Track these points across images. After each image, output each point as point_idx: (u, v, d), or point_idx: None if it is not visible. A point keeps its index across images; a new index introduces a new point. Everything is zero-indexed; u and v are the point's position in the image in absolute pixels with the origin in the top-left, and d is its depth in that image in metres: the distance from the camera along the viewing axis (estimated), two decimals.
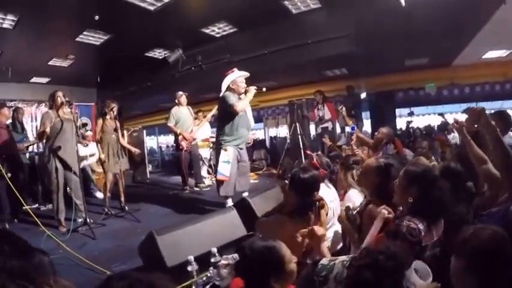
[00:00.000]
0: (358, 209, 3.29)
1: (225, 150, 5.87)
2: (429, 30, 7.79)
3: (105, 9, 7.22)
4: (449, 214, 2.72)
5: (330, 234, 3.55)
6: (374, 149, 6.02)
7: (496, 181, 2.86)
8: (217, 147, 6.22)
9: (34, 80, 11.59)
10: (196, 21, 8.46)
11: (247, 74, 6.13)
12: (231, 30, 9.17)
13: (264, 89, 6.30)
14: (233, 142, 5.94)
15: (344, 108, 7.08)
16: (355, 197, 3.85)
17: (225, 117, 5.99)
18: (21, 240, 0.80)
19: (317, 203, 3.15)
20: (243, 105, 5.86)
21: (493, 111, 4.67)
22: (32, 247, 0.80)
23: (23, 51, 9.01)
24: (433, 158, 5.65)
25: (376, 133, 6.15)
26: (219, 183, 5.99)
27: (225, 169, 5.85)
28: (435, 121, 16.18)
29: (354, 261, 1.61)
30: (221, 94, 6.05)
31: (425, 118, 18.00)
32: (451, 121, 7.53)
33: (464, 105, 16.03)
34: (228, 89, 5.99)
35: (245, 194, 5.90)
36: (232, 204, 5.59)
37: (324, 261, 1.76)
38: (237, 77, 6.00)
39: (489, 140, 2.76)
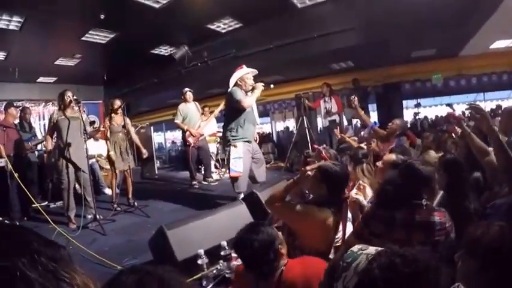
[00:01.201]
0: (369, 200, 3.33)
1: (235, 146, 5.84)
2: (436, 21, 7.73)
3: (110, 8, 7.25)
4: (460, 208, 2.76)
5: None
6: (386, 140, 5.95)
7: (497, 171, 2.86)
8: (224, 143, 6.21)
9: (41, 79, 11.71)
10: (202, 17, 8.47)
11: (255, 71, 6.12)
12: (237, 26, 9.16)
13: (272, 86, 6.31)
14: (241, 137, 5.90)
15: (356, 99, 6.99)
16: (365, 190, 3.88)
17: (232, 113, 5.99)
18: (41, 235, 0.84)
19: (347, 200, 3.11)
20: (250, 101, 5.86)
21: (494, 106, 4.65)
22: (53, 241, 0.84)
23: (30, 51, 9.08)
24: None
25: (390, 123, 6.08)
26: (233, 179, 5.95)
27: (237, 165, 5.82)
28: (443, 112, 16.08)
29: (375, 256, 1.60)
30: (229, 90, 6.02)
31: (432, 109, 17.92)
32: (458, 112, 7.47)
33: (472, 96, 16.06)
34: (236, 85, 5.97)
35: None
36: (242, 197, 5.58)
37: (355, 248, 1.76)
38: (244, 73, 5.97)
39: (492, 146, 2.78)
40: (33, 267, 0.69)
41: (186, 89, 8.64)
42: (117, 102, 7.00)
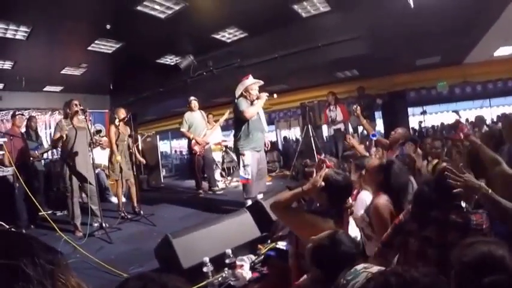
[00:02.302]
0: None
1: (243, 154, 6.05)
2: (440, 29, 7.76)
3: (116, 18, 7.30)
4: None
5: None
6: (389, 149, 5.97)
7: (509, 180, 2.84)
8: (236, 152, 6.44)
9: (48, 88, 11.73)
10: (207, 27, 8.48)
11: (260, 82, 6.25)
12: (242, 35, 9.16)
13: (275, 96, 6.45)
14: (249, 146, 6.07)
15: (359, 108, 7.00)
16: (367, 198, 3.88)
17: (239, 122, 6.17)
18: (44, 243, 0.93)
19: (348, 210, 3.07)
20: (253, 111, 6.04)
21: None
22: (54, 248, 0.91)
23: (36, 61, 9.13)
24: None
25: (392, 132, 6.10)
26: (244, 185, 6.18)
27: (246, 172, 6.02)
28: (448, 119, 16.06)
29: (374, 275, 1.61)
30: (236, 100, 6.18)
31: (438, 116, 17.91)
32: (463, 119, 7.48)
33: (478, 102, 16.04)
34: (241, 95, 6.14)
35: (259, 196, 5.96)
36: (247, 206, 5.61)
37: (359, 266, 1.77)
38: (249, 84, 6.13)
39: (485, 205, 2.52)
40: (32, 267, 0.79)
41: (192, 97, 8.70)
42: (122, 111, 7.03)
